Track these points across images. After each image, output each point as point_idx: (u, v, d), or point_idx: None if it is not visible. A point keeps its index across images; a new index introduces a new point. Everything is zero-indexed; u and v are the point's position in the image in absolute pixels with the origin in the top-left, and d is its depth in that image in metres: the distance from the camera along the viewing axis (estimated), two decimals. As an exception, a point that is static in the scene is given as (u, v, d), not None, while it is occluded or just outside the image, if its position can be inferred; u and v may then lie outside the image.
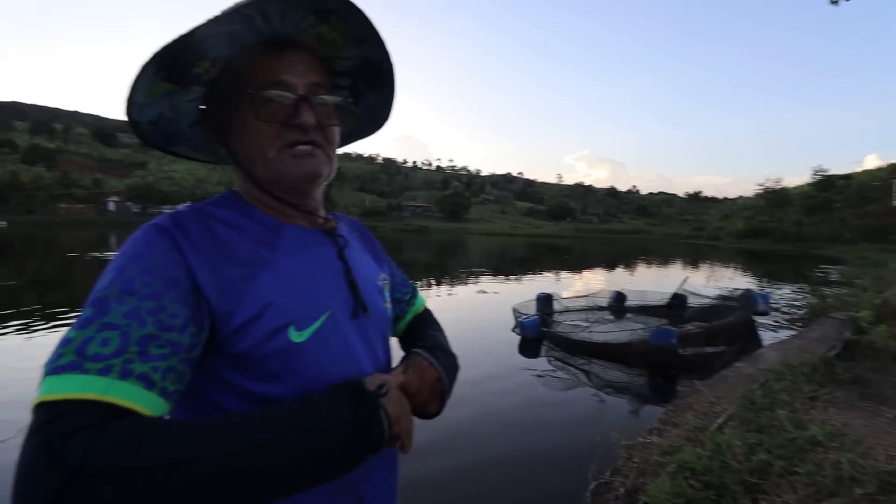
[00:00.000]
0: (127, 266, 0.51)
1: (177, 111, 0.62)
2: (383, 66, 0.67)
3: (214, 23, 0.52)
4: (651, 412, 4.16)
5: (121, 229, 45.80)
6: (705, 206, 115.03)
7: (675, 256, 29.29)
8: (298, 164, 0.60)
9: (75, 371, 0.43)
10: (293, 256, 0.62)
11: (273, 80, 0.59)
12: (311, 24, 0.59)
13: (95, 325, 0.46)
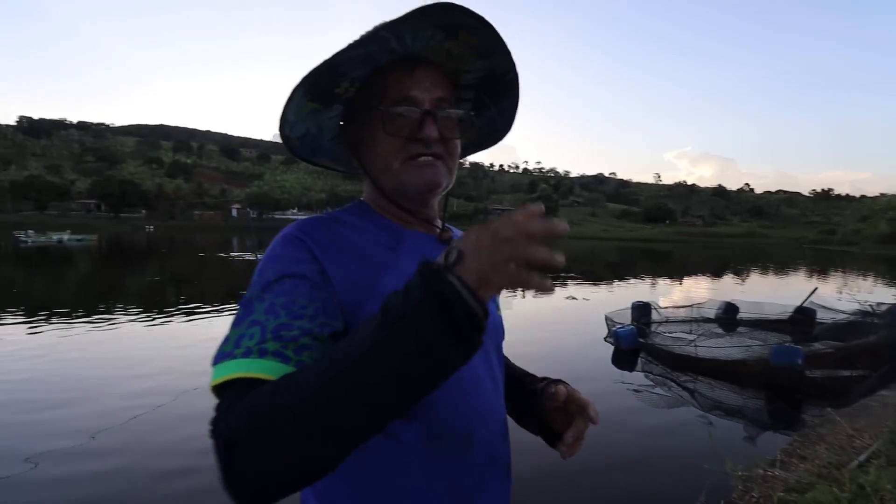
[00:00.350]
0: (265, 269, 0.58)
1: (320, 128, 0.71)
2: (507, 77, 0.69)
3: (353, 47, 0.58)
4: (770, 441, 3.71)
5: (241, 233, 51.88)
6: (837, 206, 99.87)
7: (799, 264, 25.79)
8: (420, 175, 0.64)
9: (227, 359, 0.51)
10: (413, 260, 0.66)
11: (402, 96, 0.63)
12: (440, 40, 0.62)
13: (245, 322, 0.53)
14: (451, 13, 0.58)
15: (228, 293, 11.11)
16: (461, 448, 0.63)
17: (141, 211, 79.94)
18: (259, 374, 0.49)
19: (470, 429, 0.64)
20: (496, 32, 0.62)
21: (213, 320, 8.12)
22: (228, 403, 0.47)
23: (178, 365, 5.54)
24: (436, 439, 0.61)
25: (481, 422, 0.66)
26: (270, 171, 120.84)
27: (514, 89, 0.72)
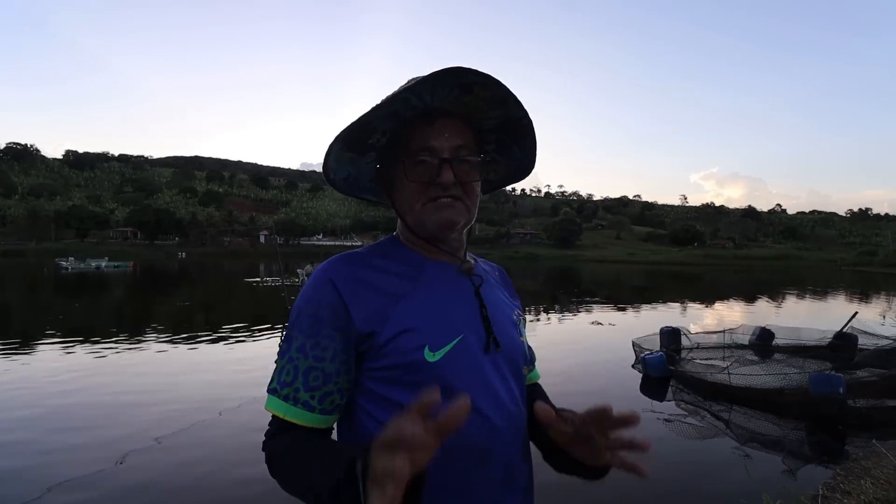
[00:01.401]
0: (301, 308, 0.72)
1: (359, 171, 0.82)
2: (523, 122, 0.78)
3: (378, 108, 0.69)
4: (811, 474, 3.54)
5: (268, 258, 53.13)
6: (877, 227, 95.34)
7: (837, 287, 24.68)
8: (438, 214, 0.72)
9: (274, 395, 0.69)
10: (431, 287, 0.75)
11: (423, 146, 0.72)
12: (458, 95, 0.71)
13: (284, 358, 0.70)
14: (463, 74, 0.67)
15: (254, 318, 11.39)
16: (478, 464, 0.67)
17: (174, 238, 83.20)
18: (291, 419, 0.68)
19: (488, 446, 0.67)
20: (506, 88, 0.71)
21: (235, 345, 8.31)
22: (270, 434, 0.70)
23: (199, 391, 5.72)
24: (453, 454, 0.63)
25: (500, 440, 0.69)
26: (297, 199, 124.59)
27: (531, 132, 0.80)
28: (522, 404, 0.77)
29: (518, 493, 0.72)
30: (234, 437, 4.32)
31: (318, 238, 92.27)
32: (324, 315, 0.69)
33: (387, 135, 0.75)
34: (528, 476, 0.75)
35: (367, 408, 0.70)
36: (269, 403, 0.69)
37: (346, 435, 0.73)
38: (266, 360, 7.08)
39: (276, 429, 0.69)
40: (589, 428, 0.62)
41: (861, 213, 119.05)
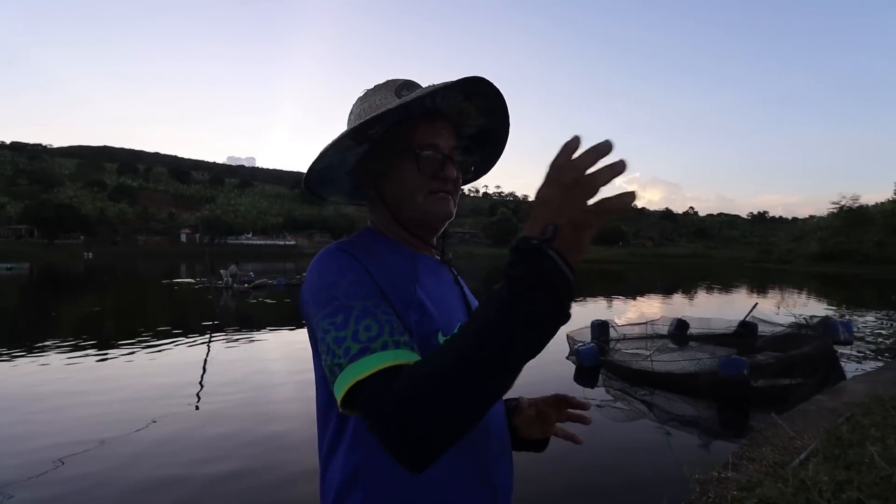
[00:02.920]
0: (337, 282, 0.65)
1: (342, 160, 0.81)
2: (499, 132, 0.84)
3: (409, 103, 0.71)
4: (722, 447, 3.95)
5: (190, 258, 49.38)
6: (772, 228, 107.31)
7: (740, 282, 27.53)
8: (440, 207, 0.77)
9: (367, 353, 0.58)
10: (428, 277, 0.78)
11: (429, 142, 0.76)
12: (459, 101, 0.77)
13: (351, 322, 0.60)
14: (480, 84, 0.73)
15: (175, 324, 10.61)
16: (482, 437, 0.72)
17: (80, 237, 74.81)
18: (405, 360, 0.57)
19: (487, 420, 0.73)
20: (503, 99, 0.77)
21: (153, 354, 7.61)
22: (382, 388, 0.54)
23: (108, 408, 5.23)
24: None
25: (494, 414, 0.75)
26: (224, 195, 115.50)
27: (502, 143, 0.87)
28: None
29: (508, 459, 0.79)
30: (148, 460, 3.80)
31: (248, 237, 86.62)
32: (367, 282, 0.66)
33: (384, 128, 0.76)
34: (509, 440, 0.82)
35: None
36: (363, 366, 0.57)
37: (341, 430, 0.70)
38: (190, 368, 6.62)
39: (385, 382, 0.55)
40: (547, 409, 0.83)
41: (760, 216, 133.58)
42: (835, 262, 41.94)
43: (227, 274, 18.20)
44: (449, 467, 0.67)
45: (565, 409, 0.84)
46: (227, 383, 5.88)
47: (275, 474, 3.57)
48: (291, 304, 13.85)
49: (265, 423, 4.60)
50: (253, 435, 4.32)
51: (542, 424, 0.85)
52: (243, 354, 7.66)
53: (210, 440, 4.20)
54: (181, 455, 3.88)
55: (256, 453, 3.93)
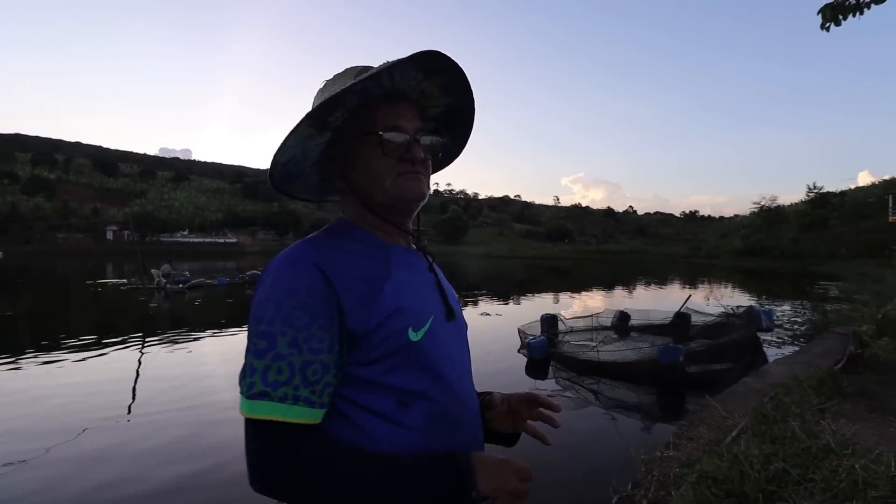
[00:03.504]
0: (281, 299, 0.64)
1: (305, 152, 0.78)
2: (465, 111, 0.83)
3: (360, 82, 0.68)
4: (663, 429, 4.20)
5: (117, 258, 45.67)
6: (702, 225, 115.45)
7: (675, 276, 29.42)
8: (410, 187, 0.75)
9: (265, 399, 0.61)
10: (402, 270, 0.75)
11: (392, 124, 0.74)
12: (419, 80, 0.75)
13: (269, 356, 0.62)
14: (436, 59, 0.71)
15: (101, 328, 9.80)
16: (454, 429, 0.72)
17: (-14, 234, 67.08)
18: (294, 419, 0.62)
19: (460, 412, 0.74)
20: (464, 74, 0.76)
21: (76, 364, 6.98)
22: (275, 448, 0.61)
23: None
24: (435, 422, 0.70)
25: (467, 405, 0.76)
26: (156, 189, 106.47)
27: (470, 121, 0.86)
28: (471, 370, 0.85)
29: (479, 448, 0.79)
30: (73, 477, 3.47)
31: (184, 234, 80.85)
32: (315, 304, 0.64)
33: (345, 114, 0.74)
34: (482, 432, 0.83)
35: (350, 395, 0.68)
36: (255, 409, 0.62)
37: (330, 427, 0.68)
38: (119, 376, 6.12)
39: (279, 439, 0.62)
40: (518, 405, 0.85)
41: (691, 215, 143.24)
42: (756, 256, 45.71)
43: (160, 274, 16.67)
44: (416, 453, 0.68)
45: (536, 408, 0.85)
46: (162, 391, 5.48)
47: (217, 480, 3.37)
48: (234, 305, 13.18)
49: (206, 430, 4.34)
50: (194, 444, 4.06)
51: (512, 419, 0.86)
52: (181, 359, 7.13)
53: (145, 451, 3.90)
54: (111, 469, 3.58)
55: (198, 462, 3.70)
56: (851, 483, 2.14)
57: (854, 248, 36.70)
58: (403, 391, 0.68)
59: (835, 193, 51.66)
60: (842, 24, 3.37)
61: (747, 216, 64.05)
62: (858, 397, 4.00)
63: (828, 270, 29.77)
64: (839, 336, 6.72)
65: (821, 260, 37.08)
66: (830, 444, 2.55)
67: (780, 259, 41.88)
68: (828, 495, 2.11)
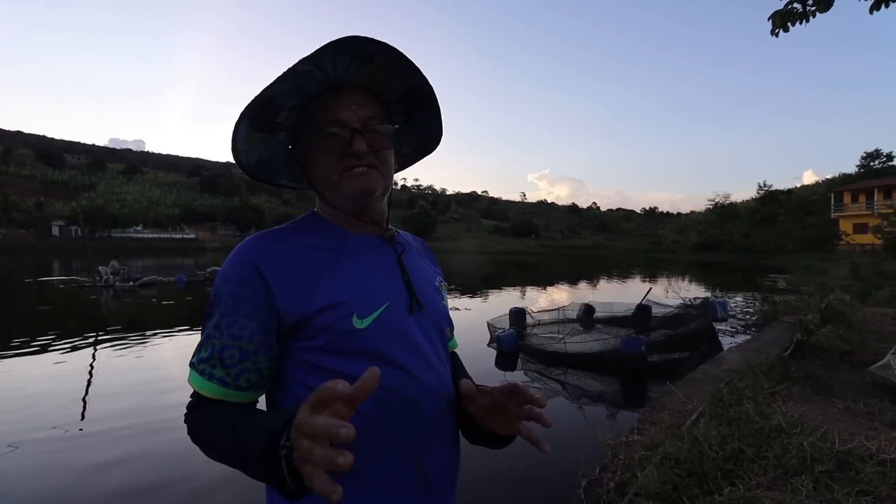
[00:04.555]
0: (219, 287, 0.71)
1: (271, 152, 0.78)
2: (424, 90, 0.79)
3: (278, 82, 0.66)
4: (627, 415, 4.36)
5: (64, 255, 42.97)
6: (661, 222, 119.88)
7: (636, 269, 30.47)
8: (354, 183, 0.73)
9: (193, 369, 0.71)
10: (356, 258, 0.76)
11: (332, 118, 0.72)
12: (359, 66, 0.71)
13: (204, 333, 0.71)
14: (360, 44, 0.67)
15: (46, 329, 9.23)
16: (408, 415, 0.71)
17: (-87, 229, 61.60)
18: (206, 393, 0.69)
19: (416, 398, 0.72)
20: (403, 55, 0.72)
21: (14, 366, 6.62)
22: (190, 406, 0.72)
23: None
24: (385, 408, 0.69)
25: (427, 393, 0.74)
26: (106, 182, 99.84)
27: (433, 100, 0.82)
28: (447, 361, 0.83)
29: (446, 439, 0.78)
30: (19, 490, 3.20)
31: (137, 230, 76.73)
32: (242, 294, 0.69)
33: (295, 112, 0.73)
34: (455, 425, 0.81)
35: (300, 377, 0.70)
36: (189, 377, 0.71)
37: (281, 404, 0.73)
38: (66, 381, 5.77)
39: (195, 402, 0.71)
40: (504, 400, 0.72)
41: (651, 211, 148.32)
42: (711, 251, 47.89)
43: (107, 271, 15.55)
44: (367, 442, 0.66)
45: (523, 403, 0.72)
46: (114, 395, 5.19)
47: (182, 488, 3.25)
48: (195, 303, 12.68)
49: (166, 434, 4.16)
50: (154, 450, 3.89)
51: (504, 420, 0.74)
52: (136, 362, 6.70)
53: (96, 465, 3.70)
54: (53, 484, 3.37)
55: (160, 468, 3.55)
56: (800, 459, 2.29)
57: (800, 242, 39.15)
58: (349, 376, 0.64)
59: (783, 191, 54.82)
60: (790, 30, 3.55)
61: (703, 213, 67.09)
62: (805, 381, 4.27)
63: (776, 264, 31.61)
64: (787, 325, 7.15)
65: (770, 254, 39.30)
66: (781, 425, 2.72)
67: (732, 253, 44.03)
68: (779, 471, 2.24)
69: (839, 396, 3.82)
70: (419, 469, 0.72)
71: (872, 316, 7.56)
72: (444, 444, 0.77)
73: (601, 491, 2.43)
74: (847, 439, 2.60)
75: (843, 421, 3.17)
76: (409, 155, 0.93)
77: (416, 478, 0.71)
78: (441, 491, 0.75)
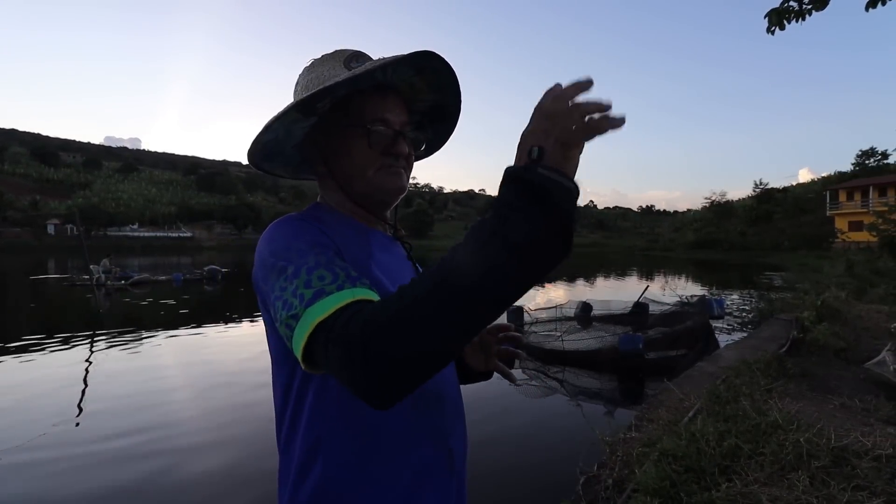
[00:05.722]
0: (292, 242, 0.63)
1: (289, 133, 0.77)
2: (450, 108, 0.85)
3: (357, 77, 0.68)
4: (625, 412, 4.38)
5: (60, 253, 42.71)
6: (658, 220, 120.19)
7: (633, 267, 30.55)
8: (391, 180, 0.76)
9: (324, 296, 0.54)
10: (382, 253, 0.77)
11: (379, 117, 0.74)
12: (410, 75, 0.76)
13: (303, 271, 0.57)
14: (431, 59, 0.72)
15: (44, 327, 9.19)
16: (436, 404, 0.74)
17: None
18: (366, 296, 0.54)
19: (440, 389, 0.75)
20: (455, 76, 0.77)
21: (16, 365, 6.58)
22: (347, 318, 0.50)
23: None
24: (417, 399, 0.71)
25: (447, 382, 0.78)
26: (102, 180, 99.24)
27: (454, 118, 0.87)
28: None
29: (462, 421, 0.82)
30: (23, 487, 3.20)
31: (133, 228, 76.41)
32: (325, 240, 0.65)
33: (333, 101, 0.74)
34: (463, 406, 0.85)
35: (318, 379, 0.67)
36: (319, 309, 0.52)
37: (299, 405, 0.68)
38: (63, 379, 5.75)
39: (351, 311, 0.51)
40: (489, 337, 0.89)
41: (648, 209, 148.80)
42: (707, 249, 48.06)
43: (99, 269, 15.19)
44: (408, 433, 0.70)
45: (502, 336, 0.89)
46: (110, 397, 5.18)
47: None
48: (192, 302, 12.65)
49: (166, 437, 4.16)
50: (154, 449, 3.88)
51: (484, 357, 0.90)
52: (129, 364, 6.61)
53: (101, 459, 3.69)
54: (63, 479, 3.36)
55: (160, 468, 3.54)
56: (797, 455, 2.31)
57: (796, 240, 39.34)
58: None
59: (778, 189, 55.08)
60: (786, 27, 3.56)
61: (699, 211, 67.27)
62: (801, 378, 4.29)
63: (772, 261, 31.73)
64: (783, 322, 7.18)
65: (766, 252, 39.47)
66: (778, 421, 2.73)
67: (729, 251, 44.21)
68: (776, 467, 2.26)
69: (835, 393, 3.85)
70: (448, 452, 0.75)
71: (868, 313, 7.61)
72: (461, 427, 0.81)
73: (599, 487, 2.44)
74: (843, 435, 2.61)
75: (839, 417, 3.19)
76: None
77: (447, 461, 0.74)
78: (460, 472, 0.79)
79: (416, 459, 0.70)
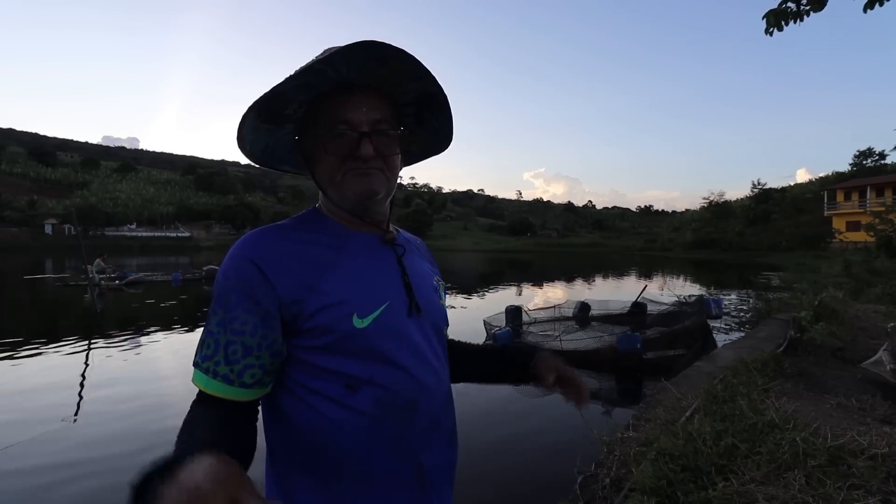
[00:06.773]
0: (220, 284, 0.70)
1: (277, 142, 0.78)
2: (438, 97, 0.79)
3: (291, 79, 0.66)
4: (623, 412, 4.39)
5: (57, 253, 42.57)
6: (657, 220, 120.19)
7: (631, 267, 30.58)
8: (357, 183, 0.74)
9: (197, 368, 0.68)
10: (357, 258, 0.76)
11: (340, 119, 0.72)
12: (373, 68, 0.70)
13: (206, 331, 0.69)
14: (377, 48, 0.66)
15: (41, 327, 9.16)
16: (407, 414, 0.72)
17: None
18: (212, 392, 0.67)
19: (414, 397, 0.73)
20: (420, 64, 0.71)
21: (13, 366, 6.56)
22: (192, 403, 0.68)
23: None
24: (384, 407, 0.70)
25: (425, 391, 0.74)
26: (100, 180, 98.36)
27: (446, 106, 0.82)
28: (444, 359, 0.84)
29: (444, 436, 0.79)
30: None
31: (131, 228, 76.05)
32: (243, 289, 0.68)
33: (303, 106, 0.73)
34: (452, 420, 0.83)
35: (300, 378, 0.70)
36: (193, 377, 0.69)
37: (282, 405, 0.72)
38: (63, 380, 5.73)
39: (197, 399, 0.69)
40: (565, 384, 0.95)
41: (646, 209, 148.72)
42: (705, 249, 48.03)
43: (93, 268, 15.01)
44: (366, 440, 0.69)
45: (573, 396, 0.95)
46: (106, 398, 5.17)
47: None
48: (190, 302, 12.63)
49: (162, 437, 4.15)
50: (153, 448, 3.88)
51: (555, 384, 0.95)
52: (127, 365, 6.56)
53: (100, 457, 3.69)
54: (56, 481, 3.36)
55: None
56: (793, 454, 2.32)
57: (793, 240, 39.40)
58: (350, 376, 0.70)
59: (776, 189, 55.17)
60: (784, 29, 3.57)
61: (697, 210, 67.24)
62: (798, 377, 4.30)
63: (770, 261, 31.79)
64: (780, 322, 7.20)
65: (764, 252, 39.52)
66: (774, 420, 2.74)
67: (727, 251, 44.22)
68: (772, 466, 2.27)
69: (832, 392, 3.86)
70: (417, 467, 0.73)
71: (865, 312, 7.63)
72: (441, 441, 0.78)
73: (597, 487, 2.45)
74: (839, 434, 2.62)
75: (836, 416, 3.20)
76: (415, 153, 0.93)
77: (415, 475, 0.72)
78: (439, 487, 0.77)
79: (374, 474, 0.70)
